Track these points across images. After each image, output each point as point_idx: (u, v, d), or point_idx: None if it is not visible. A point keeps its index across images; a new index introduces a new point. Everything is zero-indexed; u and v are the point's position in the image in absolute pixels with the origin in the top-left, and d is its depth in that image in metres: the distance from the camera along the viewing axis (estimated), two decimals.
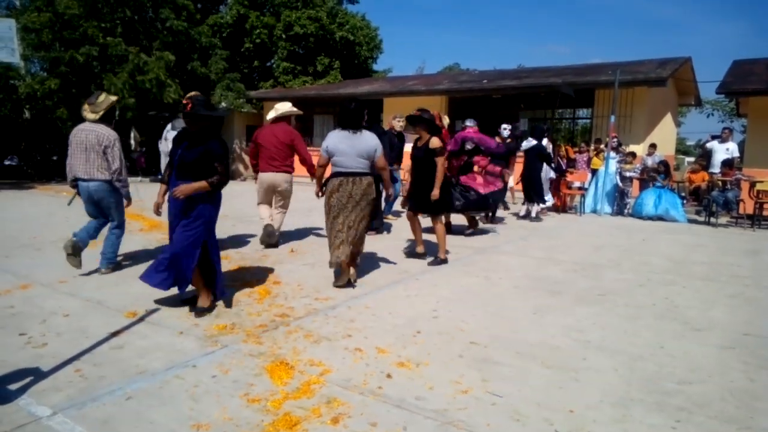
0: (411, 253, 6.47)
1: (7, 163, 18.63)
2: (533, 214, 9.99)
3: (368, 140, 5.05)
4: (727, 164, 10.85)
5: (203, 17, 20.64)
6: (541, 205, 10.34)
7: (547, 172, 10.59)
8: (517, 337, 3.85)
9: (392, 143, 8.46)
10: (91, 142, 5.05)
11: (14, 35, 11.78)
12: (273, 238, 6.66)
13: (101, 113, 5.14)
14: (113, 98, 5.25)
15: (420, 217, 6.32)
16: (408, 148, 7.18)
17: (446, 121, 8.01)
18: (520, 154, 10.11)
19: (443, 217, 6.51)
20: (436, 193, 5.85)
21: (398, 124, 8.85)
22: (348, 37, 22.71)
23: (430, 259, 6.16)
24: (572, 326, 4.11)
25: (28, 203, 10.87)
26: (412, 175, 6.24)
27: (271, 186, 6.67)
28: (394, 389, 3.00)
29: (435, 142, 5.89)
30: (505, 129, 10.27)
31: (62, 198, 11.88)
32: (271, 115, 6.79)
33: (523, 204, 10.35)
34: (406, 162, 7.30)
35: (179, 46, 17.05)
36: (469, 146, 8.06)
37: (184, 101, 4.03)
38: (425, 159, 5.95)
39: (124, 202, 5.39)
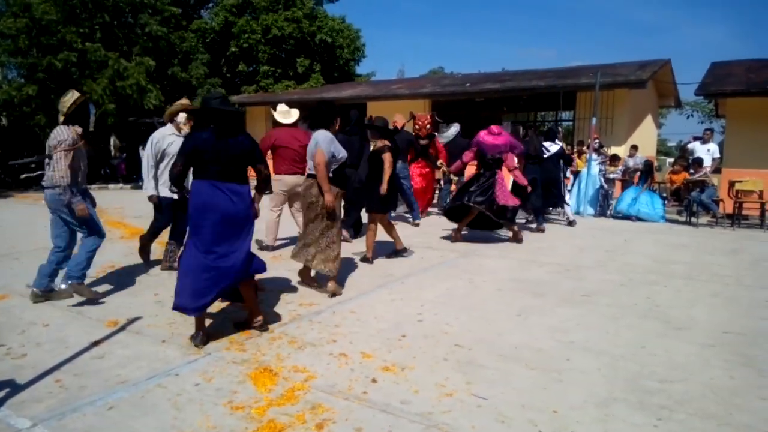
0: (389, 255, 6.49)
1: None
2: (571, 218, 9.78)
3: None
4: (697, 162, 11.03)
5: (188, 22, 20.54)
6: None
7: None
8: (501, 340, 3.86)
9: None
10: (48, 145, 4.55)
11: None
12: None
13: (66, 112, 4.57)
14: (76, 95, 4.64)
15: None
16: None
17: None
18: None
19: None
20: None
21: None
22: (327, 39, 22.71)
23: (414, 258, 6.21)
24: (556, 327, 4.13)
25: (5, 212, 10.68)
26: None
27: (294, 188, 6.66)
28: (379, 394, 2.99)
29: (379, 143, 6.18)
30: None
31: (41, 206, 11.73)
32: (287, 120, 6.77)
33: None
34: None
35: (159, 52, 16.94)
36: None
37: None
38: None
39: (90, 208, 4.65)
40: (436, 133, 9.90)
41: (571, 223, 9.67)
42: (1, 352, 3.53)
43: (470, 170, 8.20)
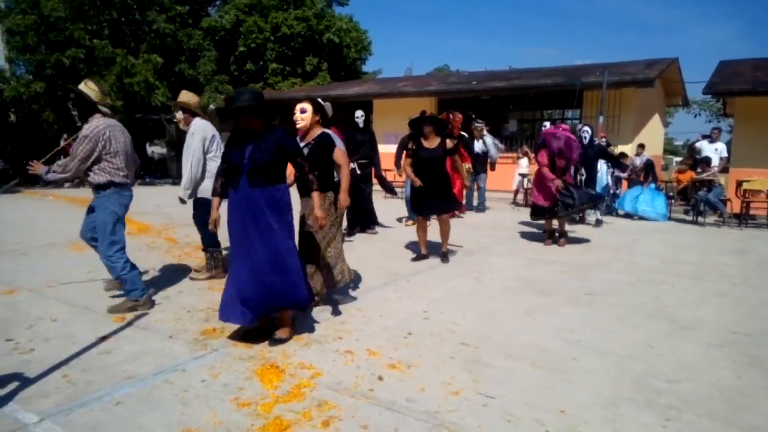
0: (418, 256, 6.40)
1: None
2: (600, 217, 9.63)
3: None
4: (705, 161, 10.96)
5: (195, 20, 20.57)
6: None
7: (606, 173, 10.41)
8: (507, 339, 3.85)
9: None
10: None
11: None
12: None
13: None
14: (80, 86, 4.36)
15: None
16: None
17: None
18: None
19: None
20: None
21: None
22: (335, 39, 22.74)
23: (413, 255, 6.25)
24: (562, 327, 4.12)
25: (13, 208, 10.74)
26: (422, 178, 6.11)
27: None
28: (386, 391, 2.99)
29: (449, 143, 6.20)
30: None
31: (48, 202, 11.77)
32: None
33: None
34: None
35: (167, 49, 16.96)
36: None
37: (223, 98, 3.54)
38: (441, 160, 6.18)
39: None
40: (465, 134, 9.77)
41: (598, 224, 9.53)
42: (9, 346, 3.55)
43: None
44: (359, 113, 7.97)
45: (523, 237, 8.23)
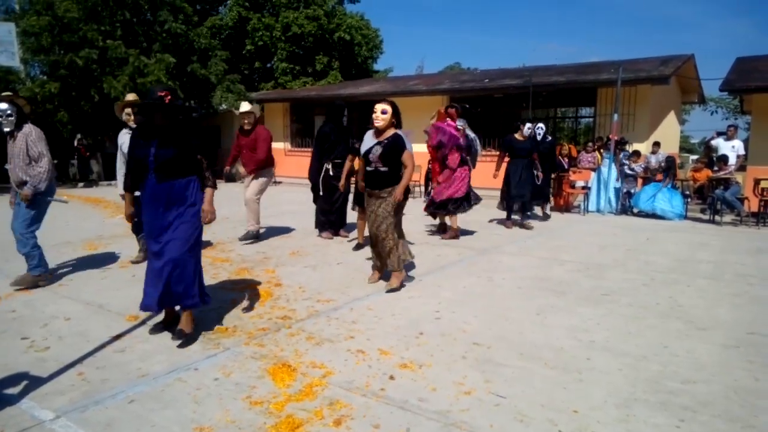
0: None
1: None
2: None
3: None
4: (722, 159, 10.81)
5: (201, 19, 20.65)
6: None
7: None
8: (520, 338, 3.83)
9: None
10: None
11: (14, 39, 11.80)
12: None
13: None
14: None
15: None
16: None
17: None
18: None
19: None
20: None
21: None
22: (346, 37, 22.72)
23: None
24: (576, 327, 4.09)
25: None
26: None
27: None
28: (397, 391, 2.98)
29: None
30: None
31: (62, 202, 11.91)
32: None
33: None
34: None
35: (178, 49, 17.05)
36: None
37: (161, 93, 3.59)
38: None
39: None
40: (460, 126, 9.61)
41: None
42: (25, 344, 3.60)
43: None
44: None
45: (536, 236, 8.18)
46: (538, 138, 9.41)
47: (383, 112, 4.72)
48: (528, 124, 8.88)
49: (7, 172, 4.94)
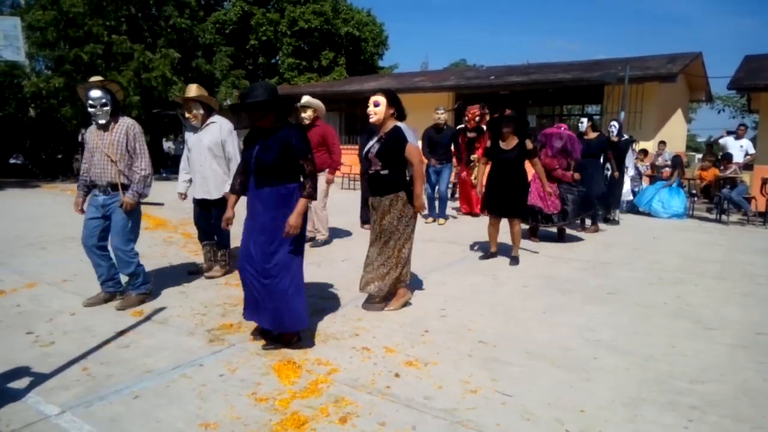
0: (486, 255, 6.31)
1: (12, 161, 18.68)
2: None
3: None
4: (726, 158, 10.74)
5: (206, 14, 20.63)
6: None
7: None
8: (526, 337, 3.80)
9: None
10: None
11: (19, 33, 11.80)
12: None
13: None
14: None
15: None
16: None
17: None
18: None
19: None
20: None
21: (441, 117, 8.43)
22: (353, 32, 22.70)
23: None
24: (583, 325, 4.06)
25: (33, 202, 10.90)
26: (496, 179, 6.05)
27: None
28: (403, 389, 2.97)
29: (530, 144, 5.98)
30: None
31: (67, 197, 11.89)
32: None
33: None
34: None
35: (183, 44, 17.04)
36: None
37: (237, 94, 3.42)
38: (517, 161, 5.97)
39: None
40: (485, 126, 9.19)
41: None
42: (30, 339, 3.59)
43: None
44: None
45: (540, 235, 8.13)
46: (612, 137, 8.90)
47: (376, 105, 4.12)
48: (584, 120, 8.67)
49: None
